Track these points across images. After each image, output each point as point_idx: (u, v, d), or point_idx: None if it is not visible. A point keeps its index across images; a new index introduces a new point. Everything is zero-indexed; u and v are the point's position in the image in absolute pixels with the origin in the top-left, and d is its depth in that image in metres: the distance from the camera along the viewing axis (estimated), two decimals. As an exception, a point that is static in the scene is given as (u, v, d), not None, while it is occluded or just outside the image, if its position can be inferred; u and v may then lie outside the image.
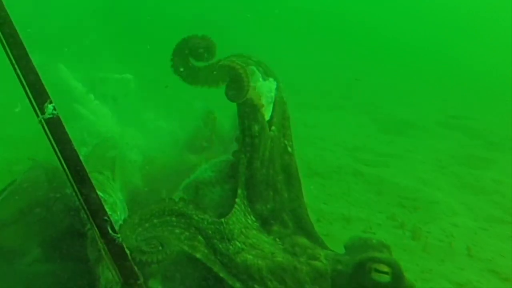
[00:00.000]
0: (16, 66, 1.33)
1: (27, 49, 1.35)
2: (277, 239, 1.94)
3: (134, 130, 2.96)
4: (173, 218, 1.74)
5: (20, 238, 1.99)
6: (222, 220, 1.80)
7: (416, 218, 3.24)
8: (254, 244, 1.82)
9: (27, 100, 1.33)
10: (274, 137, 2.09)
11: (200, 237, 1.74)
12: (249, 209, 1.99)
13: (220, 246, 1.72)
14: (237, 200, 1.97)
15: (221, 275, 1.64)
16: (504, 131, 5.57)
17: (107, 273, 1.45)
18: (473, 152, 4.93)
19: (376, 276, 1.59)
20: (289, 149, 2.19)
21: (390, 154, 4.77)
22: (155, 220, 1.70)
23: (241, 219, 1.93)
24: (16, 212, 2.04)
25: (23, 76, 1.32)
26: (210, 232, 1.75)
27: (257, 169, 2.02)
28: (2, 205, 2.11)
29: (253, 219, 2.00)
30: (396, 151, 4.95)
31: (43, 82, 1.33)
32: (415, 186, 3.73)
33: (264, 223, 2.01)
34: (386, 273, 1.58)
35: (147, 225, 1.67)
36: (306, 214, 2.13)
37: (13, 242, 2.02)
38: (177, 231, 1.70)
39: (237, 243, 1.77)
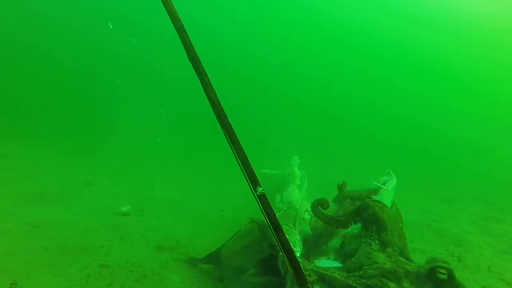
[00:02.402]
0: (238, 161, 1.96)
1: (243, 148, 1.97)
2: (388, 257, 2.91)
3: (307, 202, 4.33)
4: None
5: (244, 261, 3.45)
6: (353, 259, 2.90)
7: (460, 249, 5.38)
8: (374, 261, 2.82)
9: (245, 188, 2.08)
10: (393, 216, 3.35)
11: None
12: (376, 241, 3.06)
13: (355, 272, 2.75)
14: (363, 235, 3.13)
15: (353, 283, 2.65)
16: (507, 201, 9.41)
17: (291, 280, 2.60)
18: (490, 213, 8.22)
19: (439, 275, 2.68)
20: (400, 224, 3.46)
21: (445, 215, 7.97)
22: None
23: (366, 250, 2.95)
24: (242, 246, 3.55)
25: (244, 169, 1.96)
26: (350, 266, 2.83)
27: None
28: (234, 242, 3.69)
29: (377, 243, 3.04)
30: (448, 213, 8.19)
31: (255, 171, 1.97)
32: (459, 233, 6.29)
33: (384, 245, 3.04)
34: (444, 273, 2.67)
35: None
36: (407, 249, 3.23)
37: (240, 263, 3.52)
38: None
39: (365, 266, 2.81)
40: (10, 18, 26.74)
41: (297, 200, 4.49)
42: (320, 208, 3.51)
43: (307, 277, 2.15)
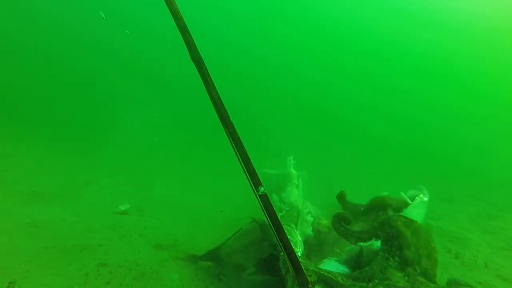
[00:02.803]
0: (240, 161, 1.98)
1: (245, 147, 1.99)
2: (405, 276, 2.73)
3: (309, 203, 4.33)
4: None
5: (244, 260, 3.45)
6: (366, 268, 2.80)
7: (458, 247, 5.33)
8: (388, 277, 2.68)
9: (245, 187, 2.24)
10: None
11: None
12: (396, 257, 2.87)
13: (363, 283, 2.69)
14: (380, 250, 2.93)
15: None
16: (506, 201, 9.30)
17: (291, 280, 2.59)
18: (490, 212, 8.25)
19: None
20: (432, 244, 3.12)
21: (445, 213, 8.04)
22: None
23: (381, 263, 2.83)
24: (243, 245, 3.55)
25: (246, 169, 1.98)
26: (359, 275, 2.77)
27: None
28: (235, 241, 3.68)
29: (396, 260, 2.85)
30: (448, 212, 8.27)
31: (257, 171, 1.98)
32: (458, 230, 6.29)
33: (405, 263, 2.86)
34: None
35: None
36: (434, 270, 2.92)
37: (240, 261, 3.52)
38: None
39: (376, 280, 2.69)
40: (10, 18, 26.74)
41: (296, 200, 4.48)
42: (342, 223, 3.34)
43: (308, 277, 2.14)
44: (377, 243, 3.14)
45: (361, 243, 3.26)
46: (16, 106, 15.13)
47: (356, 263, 3.18)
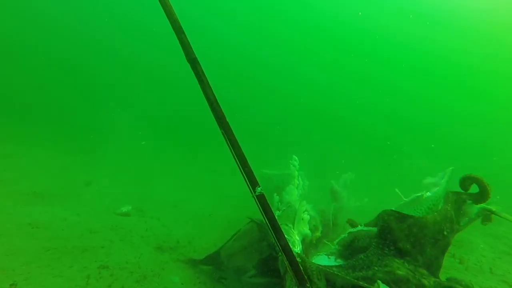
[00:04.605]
0: (237, 161, 1.96)
1: (241, 148, 1.99)
2: (405, 263, 2.73)
3: (305, 202, 4.35)
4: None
5: (244, 261, 3.46)
6: (361, 256, 2.80)
7: (461, 251, 5.17)
8: (386, 264, 2.69)
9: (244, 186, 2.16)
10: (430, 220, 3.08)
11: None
12: (391, 247, 2.87)
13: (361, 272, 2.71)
14: (374, 241, 2.94)
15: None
16: (508, 203, 8.08)
17: (290, 280, 2.59)
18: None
19: None
20: (445, 232, 3.14)
21: None
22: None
23: (376, 252, 2.84)
24: (242, 246, 3.56)
25: (242, 169, 1.97)
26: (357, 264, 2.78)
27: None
28: (234, 243, 3.69)
29: (392, 249, 2.86)
30: None
31: (254, 173, 1.99)
32: (461, 234, 5.44)
33: (400, 254, 2.85)
34: None
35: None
36: (438, 260, 2.90)
37: (240, 263, 3.52)
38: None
39: (375, 267, 2.69)
40: (10, 18, 26.73)
41: (295, 200, 4.49)
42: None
43: (306, 276, 2.14)
44: (374, 229, 3.17)
45: (358, 229, 3.27)
46: (16, 106, 15.13)
47: (349, 251, 3.20)
